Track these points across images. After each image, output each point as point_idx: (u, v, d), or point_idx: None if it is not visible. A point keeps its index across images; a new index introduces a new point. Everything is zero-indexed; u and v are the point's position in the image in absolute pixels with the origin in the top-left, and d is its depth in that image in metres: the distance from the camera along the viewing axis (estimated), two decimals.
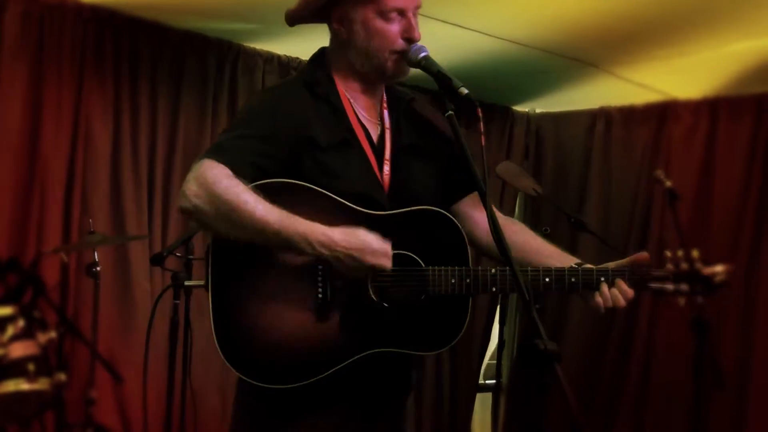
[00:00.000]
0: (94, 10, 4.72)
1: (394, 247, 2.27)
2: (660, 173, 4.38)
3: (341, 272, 2.23)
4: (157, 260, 4.17)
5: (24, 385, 3.71)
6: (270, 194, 2.18)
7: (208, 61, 5.22)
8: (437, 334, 2.36)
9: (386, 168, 2.42)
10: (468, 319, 2.37)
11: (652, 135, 6.15)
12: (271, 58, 5.43)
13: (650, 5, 4.21)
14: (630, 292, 2.38)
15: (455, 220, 2.40)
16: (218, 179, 2.16)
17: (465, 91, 2.20)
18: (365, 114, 2.46)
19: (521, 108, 6.85)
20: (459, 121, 2.22)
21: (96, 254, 4.39)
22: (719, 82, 5.52)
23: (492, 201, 2.11)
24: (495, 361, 5.77)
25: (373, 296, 2.28)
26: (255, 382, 2.23)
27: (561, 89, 6.19)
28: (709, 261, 2.48)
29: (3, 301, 3.86)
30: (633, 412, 6.02)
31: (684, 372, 5.47)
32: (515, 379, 6.67)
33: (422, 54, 2.34)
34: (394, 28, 2.35)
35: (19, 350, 3.72)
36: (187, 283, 4.14)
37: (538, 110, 6.88)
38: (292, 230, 2.15)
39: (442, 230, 2.38)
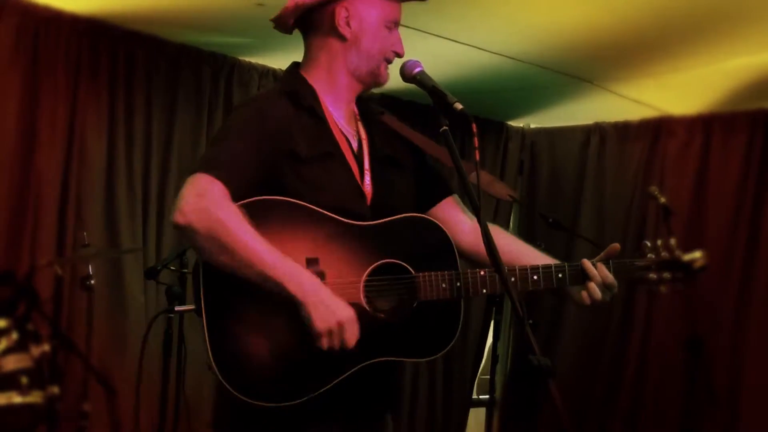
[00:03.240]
0: (90, 22, 4.72)
1: (382, 257, 2.28)
2: (654, 189, 4.39)
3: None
4: (151, 274, 4.18)
5: (17, 398, 3.70)
6: (256, 211, 2.16)
7: (203, 75, 5.23)
8: (432, 339, 2.36)
9: (367, 178, 2.43)
10: (461, 321, 2.36)
11: (646, 151, 6.16)
12: (266, 72, 5.45)
13: (645, 21, 4.23)
14: (610, 276, 2.36)
15: (439, 224, 2.40)
16: (221, 202, 2.13)
17: (460, 106, 2.18)
18: (345, 124, 2.46)
19: (516, 123, 6.87)
20: (453, 137, 2.21)
21: (90, 267, 4.38)
22: (713, 98, 5.53)
23: (486, 215, 2.09)
24: (488, 376, 5.76)
25: (366, 307, 2.27)
26: (254, 402, 2.17)
27: (556, 104, 6.20)
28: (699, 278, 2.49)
29: None
30: (625, 427, 6.01)
31: (676, 387, 5.48)
32: (508, 394, 6.66)
33: (417, 69, 2.34)
34: (391, 38, 2.42)
35: (12, 363, 3.72)
36: (177, 308, 4.07)
37: (533, 125, 6.90)
38: (283, 284, 2.12)
39: (428, 235, 2.38)
